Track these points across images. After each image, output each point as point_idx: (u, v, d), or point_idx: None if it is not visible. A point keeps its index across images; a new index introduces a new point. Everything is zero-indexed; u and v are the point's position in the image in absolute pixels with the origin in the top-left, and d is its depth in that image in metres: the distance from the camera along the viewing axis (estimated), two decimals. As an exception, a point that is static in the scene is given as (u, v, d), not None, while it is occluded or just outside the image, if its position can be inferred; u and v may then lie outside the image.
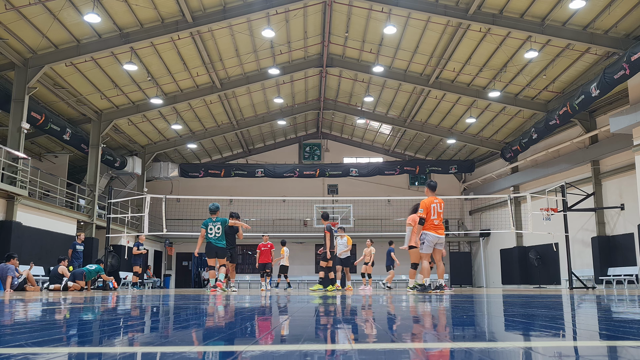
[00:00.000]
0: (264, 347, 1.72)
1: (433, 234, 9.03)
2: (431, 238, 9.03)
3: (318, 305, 4.60)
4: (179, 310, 3.98)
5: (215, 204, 10.93)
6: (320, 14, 18.47)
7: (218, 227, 10.69)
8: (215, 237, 10.66)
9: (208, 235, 10.67)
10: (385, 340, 1.88)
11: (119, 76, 18.99)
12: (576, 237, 19.48)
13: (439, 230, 9.10)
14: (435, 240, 9.05)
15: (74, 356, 1.53)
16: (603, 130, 18.42)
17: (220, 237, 10.70)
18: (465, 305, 4.50)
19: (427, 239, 9.05)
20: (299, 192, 28.05)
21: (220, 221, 10.76)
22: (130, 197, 19.50)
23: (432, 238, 9.03)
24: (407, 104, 24.00)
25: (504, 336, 2.08)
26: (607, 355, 1.51)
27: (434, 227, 9.06)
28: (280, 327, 2.53)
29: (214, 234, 10.66)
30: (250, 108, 24.76)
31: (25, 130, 16.07)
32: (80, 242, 16.24)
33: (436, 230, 9.06)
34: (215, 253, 10.73)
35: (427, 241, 9.04)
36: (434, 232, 9.04)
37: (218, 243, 10.67)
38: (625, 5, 14.25)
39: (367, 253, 16.85)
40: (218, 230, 10.68)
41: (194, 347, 1.70)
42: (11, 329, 2.39)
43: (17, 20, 14.55)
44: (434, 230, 9.05)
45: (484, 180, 27.45)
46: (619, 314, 3.23)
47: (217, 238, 10.66)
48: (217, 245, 10.67)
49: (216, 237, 10.66)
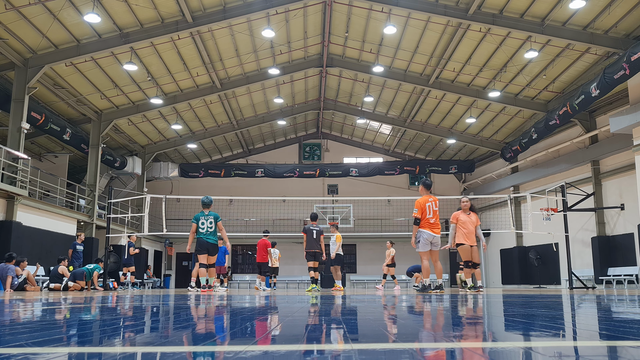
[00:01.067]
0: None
1: (428, 232, 9.13)
2: (426, 236, 9.13)
3: (311, 305, 4.60)
4: (178, 311, 3.98)
5: (208, 197, 10.45)
6: (320, 14, 18.47)
7: (210, 222, 10.17)
8: (207, 232, 10.14)
9: (199, 230, 10.16)
10: (382, 340, 1.88)
11: (119, 76, 18.99)
12: (576, 237, 19.48)
13: (434, 228, 9.20)
14: (430, 238, 9.14)
15: (74, 356, 1.53)
16: (603, 130, 18.42)
17: (213, 232, 10.17)
18: (466, 305, 4.50)
19: (422, 236, 9.14)
20: (299, 192, 28.06)
21: (213, 216, 10.27)
22: (130, 197, 19.49)
23: (427, 236, 9.13)
24: (407, 104, 24.01)
25: (504, 336, 2.08)
26: (607, 355, 1.51)
27: (430, 226, 9.18)
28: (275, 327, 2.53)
29: (205, 228, 10.14)
30: (250, 108, 24.76)
31: (25, 130, 16.08)
32: (81, 242, 16.26)
33: (432, 228, 9.17)
34: (206, 249, 10.18)
35: (423, 239, 9.13)
36: (429, 230, 9.14)
37: (209, 238, 10.15)
38: (625, 5, 14.25)
39: (387, 254, 16.95)
40: (210, 225, 10.16)
41: (193, 347, 1.71)
42: (11, 329, 2.39)
43: (17, 20, 14.55)
44: (430, 228, 9.16)
45: (484, 180, 27.45)
46: (619, 314, 3.23)
47: (209, 233, 10.15)
48: (208, 241, 10.14)
49: (208, 232, 10.15)
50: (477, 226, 10.13)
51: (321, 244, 13.25)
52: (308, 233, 13.15)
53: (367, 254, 28.29)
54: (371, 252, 28.10)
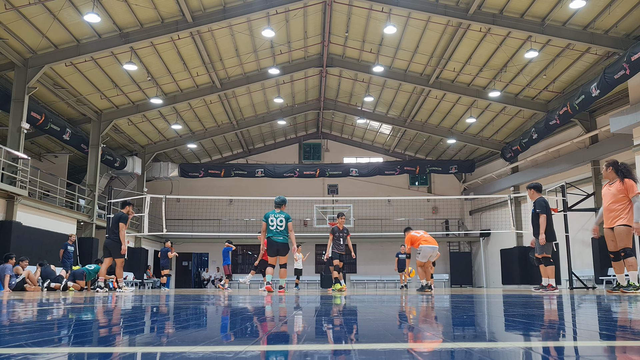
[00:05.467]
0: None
1: (428, 246, 10.34)
2: (428, 249, 10.32)
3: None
4: (179, 311, 3.97)
5: (280, 196, 9.88)
6: (320, 14, 18.47)
7: (281, 220, 9.59)
8: (277, 230, 9.55)
9: (269, 228, 9.59)
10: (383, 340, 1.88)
11: (119, 76, 18.99)
12: (576, 237, 19.48)
13: (431, 243, 10.45)
14: (430, 251, 10.35)
15: (74, 356, 1.53)
16: (603, 130, 18.42)
17: (283, 231, 9.57)
18: (466, 305, 4.50)
19: (423, 250, 10.33)
20: (299, 192, 28.07)
21: (284, 215, 9.68)
22: (130, 197, 19.48)
23: (428, 249, 10.33)
24: (407, 104, 24.01)
25: (504, 336, 2.08)
26: (607, 356, 1.50)
27: (426, 241, 10.43)
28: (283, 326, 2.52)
29: (275, 226, 9.54)
30: (250, 108, 24.77)
31: (25, 130, 16.08)
32: (72, 242, 16.44)
33: (428, 243, 10.42)
34: (276, 250, 9.63)
35: (423, 251, 10.32)
36: (426, 244, 10.37)
37: (278, 238, 9.56)
38: (626, 5, 14.25)
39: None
40: (280, 224, 9.58)
41: (194, 347, 1.70)
42: (11, 329, 2.38)
43: (17, 20, 14.56)
44: (427, 243, 10.40)
45: (484, 180, 27.45)
46: (619, 314, 3.23)
47: (278, 232, 9.56)
48: (277, 240, 9.56)
49: (278, 231, 9.56)
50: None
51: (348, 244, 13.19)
52: (334, 234, 13.07)
53: (367, 254, 28.28)
54: (371, 252, 28.10)
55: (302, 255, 18.00)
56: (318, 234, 23.18)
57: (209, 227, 27.09)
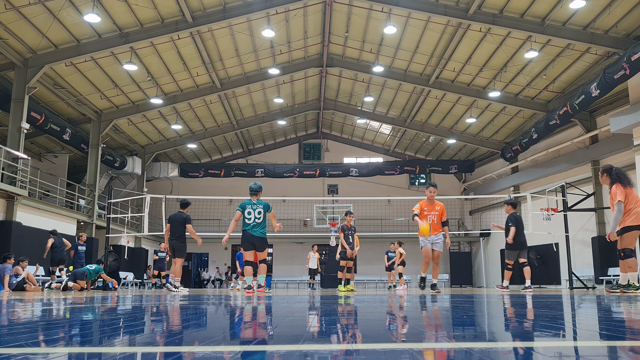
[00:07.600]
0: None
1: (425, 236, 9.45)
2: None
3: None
4: (180, 311, 3.97)
5: (256, 182, 8.75)
6: (320, 14, 18.47)
7: (259, 212, 8.43)
8: (255, 223, 8.41)
9: (245, 221, 8.46)
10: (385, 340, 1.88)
11: (119, 76, 18.99)
12: (576, 237, 19.48)
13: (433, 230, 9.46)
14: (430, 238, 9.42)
15: (74, 356, 1.53)
16: (603, 130, 18.42)
17: (261, 224, 8.45)
18: (466, 306, 4.50)
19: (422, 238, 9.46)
20: (299, 192, 28.07)
21: (263, 205, 8.51)
22: (130, 197, 19.50)
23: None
24: (407, 104, 24.01)
25: (504, 336, 2.08)
26: (607, 356, 1.50)
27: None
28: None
29: (252, 219, 8.40)
30: (250, 108, 24.76)
31: (25, 130, 16.08)
32: (82, 242, 16.15)
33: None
34: (252, 244, 8.48)
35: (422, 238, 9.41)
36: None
37: (255, 231, 8.43)
38: (626, 5, 14.25)
39: (397, 254, 16.99)
40: (258, 216, 8.42)
41: (192, 347, 1.70)
42: (11, 329, 2.38)
43: (17, 20, 14.56)
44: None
45: (484, 180, 27.45)
46: (619, 314, 3.23)
47: (256, 225, 8.43)
48: (254, 234, 8.43)
49: (255, 224, 8.42)
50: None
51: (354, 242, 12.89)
52: (344, 233, 12.79)
53: (367, 254, 28.24)
54: (371, 252, 28.07)
55: (317, 254, 18.00)
56: (318, 234, 23.17)
57: (209, 227, 27.07)
